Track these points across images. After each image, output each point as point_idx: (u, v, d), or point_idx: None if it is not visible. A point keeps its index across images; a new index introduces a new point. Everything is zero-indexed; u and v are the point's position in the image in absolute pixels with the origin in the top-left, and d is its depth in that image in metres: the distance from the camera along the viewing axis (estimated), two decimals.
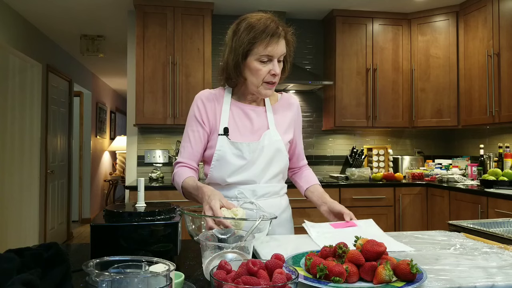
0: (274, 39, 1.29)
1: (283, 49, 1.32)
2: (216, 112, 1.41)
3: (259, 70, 1.31)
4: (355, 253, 0.85)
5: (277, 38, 1.29)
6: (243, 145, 1.36)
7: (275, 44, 1.29)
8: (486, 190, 2.86)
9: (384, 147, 4.10)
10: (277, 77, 1.35)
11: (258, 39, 1.28)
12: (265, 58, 1.30)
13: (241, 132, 1.39)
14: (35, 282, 0.64)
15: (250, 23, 1.31)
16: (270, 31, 1.28)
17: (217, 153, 1.37)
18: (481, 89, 3.44)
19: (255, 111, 1.43)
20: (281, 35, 1.30)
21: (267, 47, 1.28)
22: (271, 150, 1.39)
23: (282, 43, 1.32)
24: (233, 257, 0.84)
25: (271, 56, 1.30)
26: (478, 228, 1.31)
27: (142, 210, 1.02)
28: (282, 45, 1.32)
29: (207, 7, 3.61)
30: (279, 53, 1.31)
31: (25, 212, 4.36)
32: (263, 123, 1.42)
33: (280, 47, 1.31)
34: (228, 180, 1.38)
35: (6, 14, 3.76)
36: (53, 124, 4.96)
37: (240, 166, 1.37)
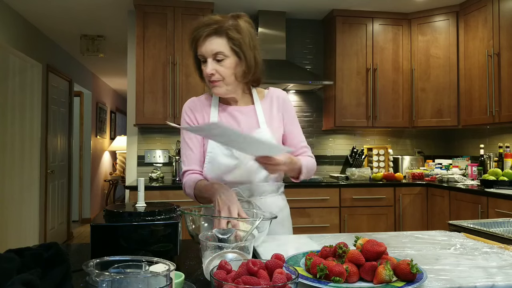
0: (202, 39, 1.29)
1: (214, 47, 1.28)
2: (204, 117, 1.43)
3: (203, 70, 1.34)
4: (355, 253, 0.85)
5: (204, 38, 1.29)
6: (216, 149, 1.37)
7: (203, 44, 1.30)
8: (486, 190, 2.86)
9: (384, 147, 4.10)
10: (217, 75, 1.31)
11: (192, 42, 1.33)
12: (202, 58, 1.32)
13: None
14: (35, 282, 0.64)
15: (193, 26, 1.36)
16: (197, 32, 1.31)
17: (209, 155, 1.38)
18: (481, 89, 3.43)
19: (241, 111, 1.42)
20: (204, 35, 1.28)
21: (197, 48, 1.32)
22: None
23: (214, 41, 1.29)
24: (233, 257, 0.84)
25: (202, 56, 1.32)
26: (478, 228, 1.31)
27: (142, 210, 1.02)
28: (214, 43, 1.29)
29: (207, 7, 3.61)
30: (209, 52, 1.29)
31: (25, 212, 4.36)
32: (252, 122, 1.41)
33: (208, 46, 1.29)
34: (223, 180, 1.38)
35: (6, 14, 3.76)
36: (53, 124, 4.96)
37: (233, 165, 1.37)
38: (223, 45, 1.30)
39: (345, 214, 3.47)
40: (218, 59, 1.30)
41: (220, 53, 1.29)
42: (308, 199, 3.42)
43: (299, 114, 4.15)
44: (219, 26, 1.29)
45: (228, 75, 1.32)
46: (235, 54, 1.31)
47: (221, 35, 1.29)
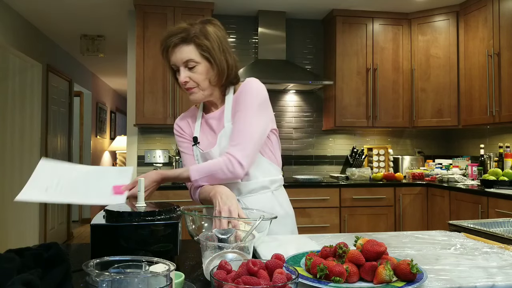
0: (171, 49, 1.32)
1: (183, 55, 1.30)
2: (191, 128, 1.48)
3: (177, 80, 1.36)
4: (355, 253, 0.85)
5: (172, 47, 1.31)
6: (206, 154, 1.40)
7: (172, 53, 1.32)
8: (486, 190, 2.86)
9: (384, 147, 4.10)
10: (191, 83, 1.33)
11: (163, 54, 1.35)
12: (174, 67, 1.35)
13: (210, 141, 1.42)
14: (35, 282, 0.64)
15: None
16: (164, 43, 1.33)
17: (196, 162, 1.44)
18: (481, 89, 3.43)
19: (214, 117, 1.42)
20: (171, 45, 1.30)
21: (168, 58, 1.34)
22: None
23: (183, 50, 1.30)
24: (233, 257, 0.84)
25: (174, 65, 1.33)
26: (478, 228, 1.30)
27: (142, 210, 1.02)
28: (183, 52, 1.30)
29: (207, 7, 3.61)
30: (179, 60, 1.31)
31: (25, 212, 4.36)
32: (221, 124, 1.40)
33: (177, 55, 1.31)
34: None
35: (6, 14, 3.76)
36: (53, 124, 4.96)
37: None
38: (192, 52, 1.30)
39: (345, 214, 3.47)
40: (189, 66, 1.31)
41: (191, 60, 1.30)
42: (308, 199, 3.42)
43: (299, 114, 4.15)
44: (186, 34, 1.30)
45: (201, 80, 1.33)
46: (205, 60, 1.32)
47: (189, 43, 1.30)
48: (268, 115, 1.38)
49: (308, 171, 4.14)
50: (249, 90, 1.35)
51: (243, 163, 1.28)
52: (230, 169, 1.28)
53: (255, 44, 4.07)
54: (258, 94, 1.35)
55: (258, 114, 1.33)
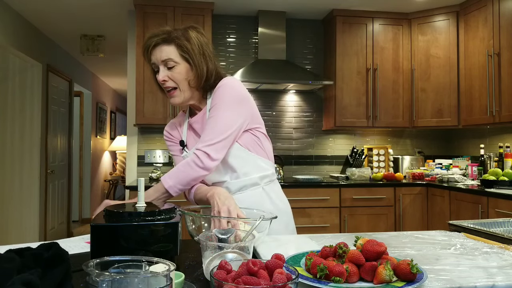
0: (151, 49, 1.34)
1: (162, 54, 1.32)
2: (180, 134, 1.50)
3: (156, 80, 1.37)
4: (355, 253, 0.85)
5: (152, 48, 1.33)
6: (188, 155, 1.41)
7: (153, 53, 1.34)
8: (486, 190, 2.86)
9: (384, 147, 4.10)
10: (170, 82, 1.34)
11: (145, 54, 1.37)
12: (155, 68, 1.36)
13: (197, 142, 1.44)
14: (35, 282, 0.64)
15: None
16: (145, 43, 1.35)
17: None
18: (481, 89, 3.43)
19: (196, 120, 1.44)
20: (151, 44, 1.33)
21: (149, 58, 1.36)
22: None
23: (162, 49, 1.32)
24: (233, 257, 0.84)
25: (154, 64, 1.35)
26: (478, 228, 1.30)
27: (142, 210, 1.02)
28: (162, 51, 1.32)
29: (207, 7, 3.61)
30: (159, 59, 1.33)
31: (25, 212, 4.36)
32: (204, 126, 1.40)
33: (157, 54, 1.33)
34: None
35: (6, 14, 3.76)
36: (53, 124, 4.96)
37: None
38: (173, 52, 1.33)
39: (345, 214, 3.47)
40: (169, 66, 1.33)
41: (170, 59, 1.32)
42: (308, 199, 3.42)
43: (299, 114, 4.15)
44: (167, 36, 1.33)
45: (180, 80, 1.34)
46: (185, 61, 1.34)
47: (169, 43, 1.33)
48: (244, 112, 1.36)
49: (308, 171, 4.14)
50: (222, 88, 1.34)
51: (211, 155, 1.28)
52: (199, 164, 1.28)
53: (255, 44, 4.07)
54: (232, 91, 1.34)
55: (231, 109, 1.32)
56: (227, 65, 4.04)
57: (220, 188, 1.24)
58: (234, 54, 4.05)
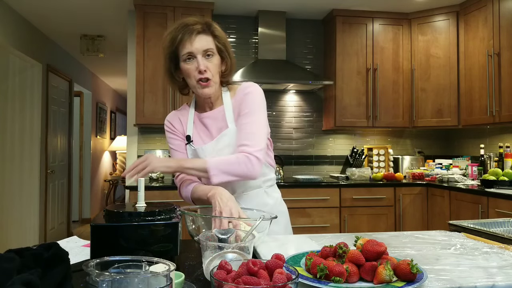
0: (188, 36, 1.31)
1: (204, 44, 1.32)
2: (183, 127, 1.47)
3: (187, 70, 1.34)
4: (355, 253, 0.85)
5: (190, 34, 1.30)
6: (199, 150, 1.40)
7: (191, 41, 1.31)
8: (486, 190, 2.86)
9: (384, 147, 4.10)
10: (208, 73, 1.33)
11: (175, 40, 1.32)
12: (188, 57, 1.32)
13: (203, 140, 1.43)
14: (35, 282, 0.64)
15: (170, 28, 1.37)
16: (182, 30, 1.31)
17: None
18: (481, 89, 3.43)
19: (210, 116, 1.43)
20: (195, 30, 1.31)
21: (184, 45, 1.31)
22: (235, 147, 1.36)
23: (203, 38, 1.32)
24: (233, 257, 0.84)
25: (191, 53, 1.31)
26: (478, 228, 1.30)
27: (142, 210, 1.02)
28: (203, 40, 1.32)
29: (207, 7, 3.61)
30: (199, 48, 1.31)
31: (25, 212, 4.36)
32: (222, 124, 1.41)
33: (199, 42, 1.31)
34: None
35: (6, 14, 3.76)
36: (53, 124, 4.96)
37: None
38: (211, 43, 1.34)
39: (345, 214, 3.47)
40: (207, 55, 1.33)
41: (210, 49, 1.33)
42: (308, 199, 3.42)
43: (299, 114, 4.15)
44: (206, 26, 1.34)
45: (215, 72, 1.35)
46: (218, 54, 1.36)
47: (208, 34, 1.34)
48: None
49: (308, 171, 4.14)
50: (255, 94, 1.38)
51: (261, 160, 1.30)
52: (249, 166, 1.28)
53: (255, 44, 4.07)
54: (262, 98, 1.40)
55: (264, 117, 1.39)
56: None
57: (222, 188, 1.24)
58: (234, 54, 4.02)
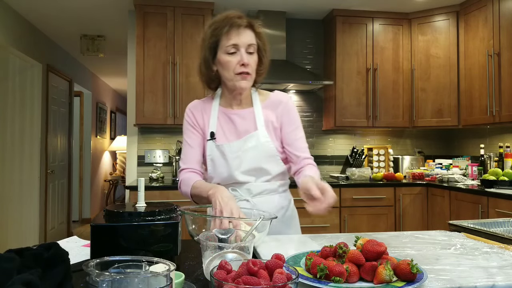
0: (235, 29, 1.30)
1: (249, 39, 1.32)
2: (204, 120, 1.45)
3: (227, 62, 1.32)
4: (355, 253, 0.85)
5: (237, 27, 1.30)
6: (225, 146, 1.38)
7: (237, 33, 1.30)
8: (486, 190, 2.86)
9: (384, 147, 4.10)
10: (249, 68, 1.32)
11: (219, 30, 1.31)
12: (232, 49, 1.31)
13: (227, 136, 1.41)
14: (35, 282, 0.63)
15: (213, 19, 1.36)
16: (230, 21, 1.30)
17: (209, 158, 1.41)
18: (481, 89, 3.43)
19: (239, 114, 1.42)
20: (242, 25, 1.30)
21: (229, 37, 1.30)
22: (260, 151, 1.37)
23: (248, 33, 1.32)
24: (233, 257, 0.84)
25: (236, 45, 1.30)
26: (478, 228, 1.30)
27: (142, 210, 1.02)
28: (248, 35, 1.32)
29: (207, 7, 3.61)
30: (245, 42, 1.31)
31: (25, 212, 4.36)
32: (250, 124, 1.40)
33: (244, 36, 1.31)
34: (223, 181, 1.40)
35: (6, 14, 3.76)
36: (53, 124, 4.96)
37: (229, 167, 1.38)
38: (254, 40, 1.34)
39: (345, 214, 3.47)
40: (249, 51, 1.33)
41: (253, 45, 1.33)
42: None
43: (299, 114, 4.14)
44: (251, 20, 1.34)
45: (253, 68, 1.35)
46: (257, 52, 1.36)
47: (252, 29, 1.34)
48: None
49: None
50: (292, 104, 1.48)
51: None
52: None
53: None
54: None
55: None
56: None
57: (222, 188, 1.24)
58: None
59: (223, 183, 1.41)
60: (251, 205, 1.38)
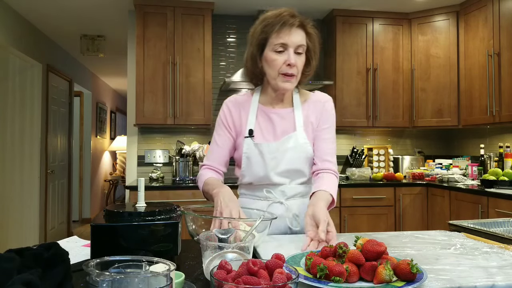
0: (287, 27, 1.25)
1: (299, 39, 1.27)
2: (242, 116, 1.41)
3: (274, 60, 1.28)
4: (355, 253, 0.85)
5: (289, 26, 1.25)
6: (263, 146, 1.35)
7: (288, 32, 1.25)
8: (486, 190, 2.86)
9: (384, 147, 4.10)
10: (295, 69, 1.29)
11: (270, 27, 1.27)
12: (280, 48, 1.27)
13: (264, 135, 1.38)
14: (35, 282, 0.64)
15: (265, 15, 1.31)
16: (282, 19, 1.25)
17: (244, 155, 1.38)
18: (481, 89, 3.43)
19: (279, 114, 1.39)
20: (295, 25, 1.26)
21: (279, 35, 1.26)
22: (297, 152, 1.36)
23: (299, 33, 1.28)
24: (233, 257, 0.84)
25: (285, 45, 1.26)
26: (478, 228, 1.30)
27: (142, 210, 1.02)
28: (299, 35, 1.27)
29: (207, 7, 3.61)
30: (295, 42, 1.26)
31: (25, 212, 4.36)
32: (288, 125, 1.38)
33: (295, 36, 1.26)
34: (257, 181, 1.39)
35: (6, 14, 3.76)
36: (53, 124, 4.96)
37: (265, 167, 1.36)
38: (304, 40, 1.30)
39: (345, 214, 3.47)
40: (298, 51, 1.28)
41: (302, 46, 1.29)
42: None
43: None
44: (303, 19, 1.29)
45: (299, 70, 1.32)
46: (304, 53, 1.32)
47: (303, 29, 1.30)
48: None
49: None
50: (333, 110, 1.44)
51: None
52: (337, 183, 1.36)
53: None
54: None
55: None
56: (227, 65, 4.04)
57: (226, 188, 1.23)
58: (234, 54, 4.05)
59: (257, 183, 1.40)
60: (285, 208, 1.37)
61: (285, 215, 1.37)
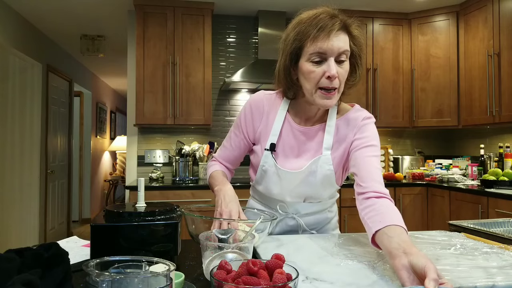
0: (325, 33, 1.05)
1: (341, 45, 1.06)
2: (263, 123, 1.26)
3: (310, 72, 1.08)
4: None
5: (328, 31, 1.05)
6: (282, 172, 1.23)
7: (327, 39, 1.05)
8: (486, 190, 2.86)
9: (384, 147, 4.10)
10: (337, 81, 1.08)
11: (305, 34, 1.07)
12: (317, 57, 1.07)
13: (285, 152, 1.25)
14: (35, 282, 0.63)
15: (300, 18, 1.14)
16: (319, 23, 1.05)
17: (261, 168, 1.27)
18: (481, 89, 3.43)
19: (306, 133, 1.23)
20: (335, 29, 1.05)
21: (316, 43, 1.05)
22: (318, 179, 1.23)
23: (341, 38, 1.06)
24: (233, 257, 0.84)
25: (323, 54, 1.06)
26: (478, 228, 1.30)
27: (142, 210, 1.02)
28: (340, 40, 1.06)
29: (207, 7, 3.61)
30: (335, 50, 1.05)
31: (25, 212, 4.36)
32: (315, 146, 1.23)
33: (335, 42, 1.05)
34: (270, 195, 1.31)
35: (6, 14, 3.76)
36: (53, 124, 4.96)
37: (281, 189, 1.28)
38: (348, 44, 1.09)
39: (345, 214, 3.47)
40: (340, 59, 1.08)
41: (346, 52, 1.08)
42: None
43: None
44: (345, 19, 1.09)
45: (342, 80, 1.10)
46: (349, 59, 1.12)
47: (345, 32, 1.09)
48: None
49: None
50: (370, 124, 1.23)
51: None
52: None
53: (255, 44, 4.07)
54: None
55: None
56: (227, 65, 4.04)
57: (229, 187, 1.20)
58: (234, 54, 4.05)
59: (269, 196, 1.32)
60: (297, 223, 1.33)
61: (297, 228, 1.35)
